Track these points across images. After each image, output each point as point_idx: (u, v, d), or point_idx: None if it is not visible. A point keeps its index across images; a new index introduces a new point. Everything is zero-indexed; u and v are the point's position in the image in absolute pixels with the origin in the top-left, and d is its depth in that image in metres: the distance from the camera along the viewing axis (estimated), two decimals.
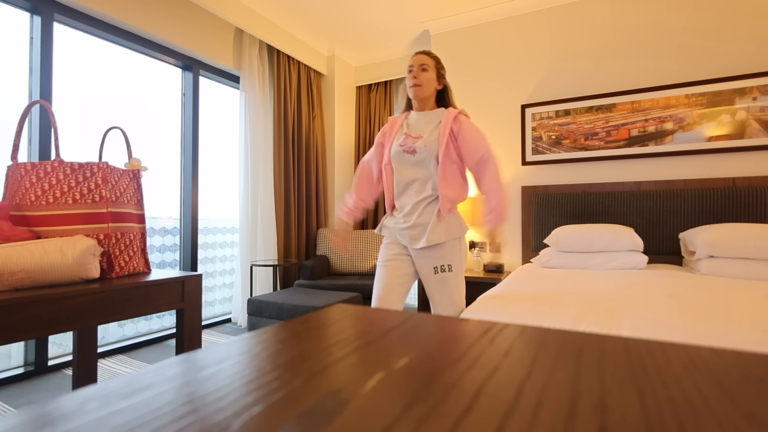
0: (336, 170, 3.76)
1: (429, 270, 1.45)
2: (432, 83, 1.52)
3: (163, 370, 0.27)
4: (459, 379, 0.26)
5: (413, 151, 1.47)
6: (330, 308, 0.48)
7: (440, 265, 1.44)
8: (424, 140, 1.46)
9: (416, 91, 1.51)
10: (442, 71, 1.56)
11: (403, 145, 1.51)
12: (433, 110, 1.55)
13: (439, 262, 1.44)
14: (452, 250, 1.44)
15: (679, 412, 0.21)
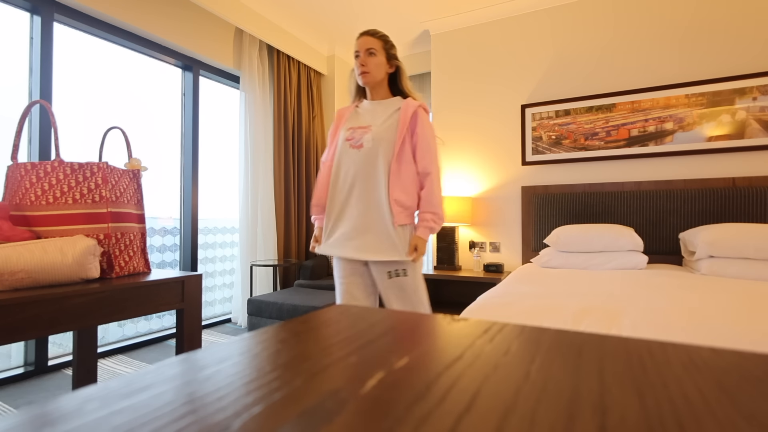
0: None
1: (383, 275, 1.31)
2: (382, 68, 1.34)
3: (163, 370, 0.27)
4: (458, 378, 0.26)
5: (360, 146, 1.27)
6: (330, 308, 0.48)
7: (394, 269, 1.29)
8: (374, 132, 1.26)
9: (366, 79, 1.34)
10: (393, 51, 1.37)
11: (349, 139, 1.31)
12: (387, 99, 1.37)
13: (393, 266, 1.29)
14: (399, 256, 1.31)
15: (679, 412, 0.21)
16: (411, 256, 1.30)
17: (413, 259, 1.31)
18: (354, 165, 1.30)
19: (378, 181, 1.27)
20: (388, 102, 1.36)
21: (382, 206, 1.26)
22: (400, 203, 1.25)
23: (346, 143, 1.31)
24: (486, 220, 3.00)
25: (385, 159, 1.26)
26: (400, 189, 1.26)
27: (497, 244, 2.96)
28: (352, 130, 1.33)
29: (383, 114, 1.32)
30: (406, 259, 1.26)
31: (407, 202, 1.28)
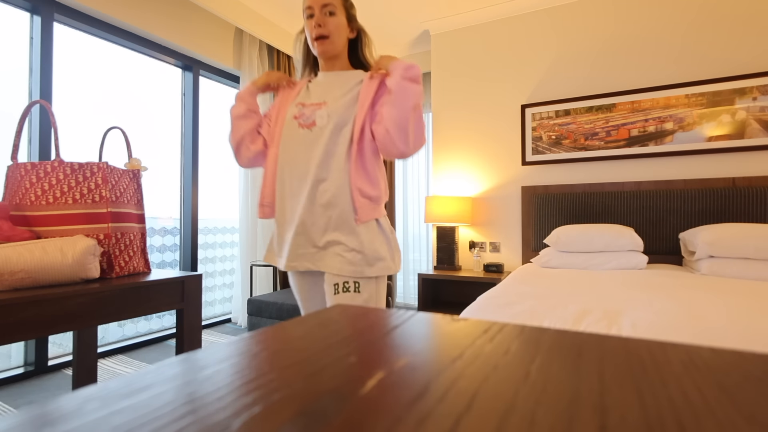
0: None
1: (328, 287, 1.00)
2: (343, 31, 1.05)
3: (163, 370, 0.27)
4: (458, 378, 0.26)
5: (311, 124, 1.00)
6: (330, 308, 0.48)
7: (343, 282, 0.98)
8: (329, 108, 1.00)
9: (323, 46, 1.04)
10: (353, 11, 1.08)
11: (298, 117, 1.03)
12: (346, 71, 1.09)
13: (341, 278, 0.98)
14: (367, 264, 1.00)
15: (679, 412, 0.21)
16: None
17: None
18: (304, 149, 1.01)
19: (335, 167, 0.99)
20: (348, 74, 1.08)
21: (342, 198, 0.99)
22: (365, 193, 0.99)
23: (293, 122, 1.02)
24: (486, 220, 3.00)
25: (343, 139, 0.99)
26: (364, 176, 1.00)
27: (497, 244, 2.96)
28: (302, 106, 1.04)
29: (342, 87, 1.04)
30: (367, 274, 0.97)
31: (372, 191, 1.01)
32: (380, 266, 1.00)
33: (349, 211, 0.99)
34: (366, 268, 0.98)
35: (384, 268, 1.01)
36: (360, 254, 0.98)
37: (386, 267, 1.02)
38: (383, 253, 1.01)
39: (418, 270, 3.78)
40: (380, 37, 3.51)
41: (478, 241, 3.03)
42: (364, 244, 0.99)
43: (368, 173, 1.02)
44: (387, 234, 1.05)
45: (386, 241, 1.04)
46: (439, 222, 2.85)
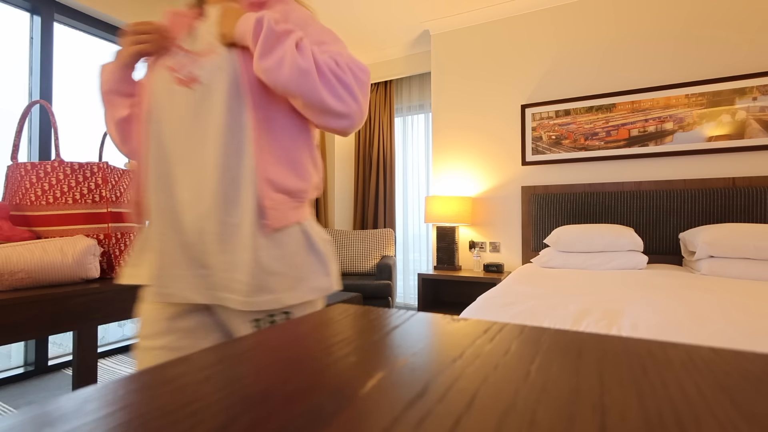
0: (336, 170, 3.76)
1: (241, 326, 0.68)
2: None
3: (163, 371, 0.27)
4: (458, 378, 0.26)
5: (192, 80, 0.67)
6: (330, 308, 0.48)
7: (267, 316, 0.68)
8: (221, 58, 0.67)
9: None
10: None
11: (175, 69, 0.69)
12: (250, 3, 0.75)
13: (260, 313, 0.68)
14: (288, 287, 0.69)
15: (679, 412, 0.21)
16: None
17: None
18: (184, 116, 0.67)
19: (231, 146, 0.66)
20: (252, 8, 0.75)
21: (242, 193, 0.67)
22: (281, 185, 0.68)
23: (167, 75, 0.69)
24: (486, 220, 3.00)
25: (239, 101, 0.66)
26: (279, 159, 0.69)
27: (497, 244, 2.96)
28: (183, 52, 0.70)
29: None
30: (290, 300, 0.68)
31: (293, 182, 0.70)
32: (307, 288, 0.70)
33: (254, 213, 0.66)
34: (286, 293, 0.67)
35: (313, 289, 0.71)
36: (274, 275, 0.66)
37: (317, 288, 0.72)
38: (309, 269, 0.71)
39: (418, 270, 3.78)
40: (380, 37, 3.52)
41: (478, 241, 3.03)
42: (280, 259, 0.67)
43: (286, 155, 0.69)
44: (315, 243, 0.73)
45: (313, 252, 0.72)
46: (439, 222, 2.85)
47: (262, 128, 0.67)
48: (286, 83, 0.63)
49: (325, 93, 0.65)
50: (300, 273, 0.70)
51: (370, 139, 3.89)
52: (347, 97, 0.67)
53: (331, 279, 0.76)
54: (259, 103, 0.67)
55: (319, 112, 0.67)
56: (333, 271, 0.77)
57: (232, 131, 0.67)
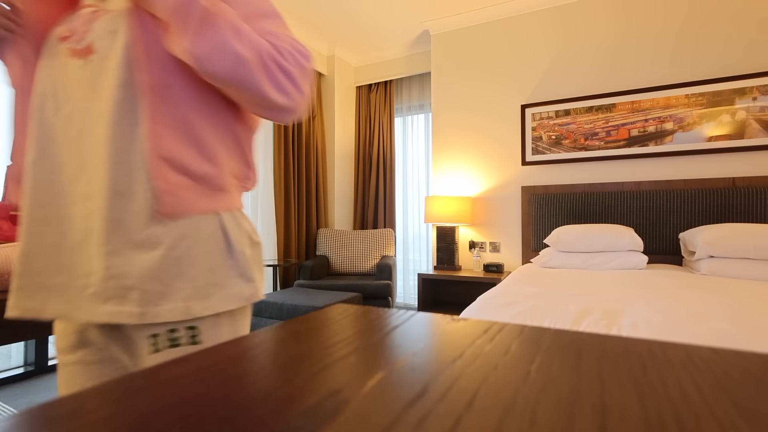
0: (336, 170, 3.76)
1: (142, 342, 0.55)
2: None
3: (163, 371, 0.27)
4: (458, 378, 0.26)
5: (86, 51, 0.55)
6: (330, 308, 0.48)
7: (168, 331, 0.55)
8: (113, 20, 0.54)
9: None
10: None
11: (66, 38, 0.57)
12: None
13: (165, 326, 0.55)
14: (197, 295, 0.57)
15: (679, 412, 0.21)
16: None
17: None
18: (78, 97, 0.55)
19: (125, 124, 0.54)
20: None
21: (135, 178, 0.54)
22: (176, 164, 0.56)
23: (58, 46, 0.57)
24: (486, 220, 3.00)
25: (137, 71, 0.54)
26: (173, 132, 0.56)
27: (497, 244, 2.96)
28: (77, 18, 0.58)
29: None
30: (199, 312, 0.56)
31: (194, 162, 0.57)
32: (222, 296, 0.57)
33: (148, 200, 0.54)
34: (193, 302, 0.55)
35: (230, 298, 0.58)
36: (177, 280, 0.54)
37: (235, 296, 0.59)
38: (225, 273, 0.58)
39: (418, 270, 3.78)
40: (380, 37, 3.52)
41: (478, 241, 3.03)
42: (185, 259, 0.55)
43: (189, 130, 0.56)
44: (234, 242, 0.60)
45: (232, 253, 0.60)
46: (439, 222, 2.85)
47: (158, 97, 0.54)
48: (223, 75, 0.54)
49: (268, 86, 0.57)
50: (213, 278, 0.57)
51: (370, 139, 3.89)
52: (291, 89, 0.60)
53: (255, 286, 0.63)
54: (158, 70, 0.54)
55: (259, 105, 0.59)
56: (257, 276, 0.64)
57: (126, 107, 0.54)
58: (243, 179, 0.66)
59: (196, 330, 0.57)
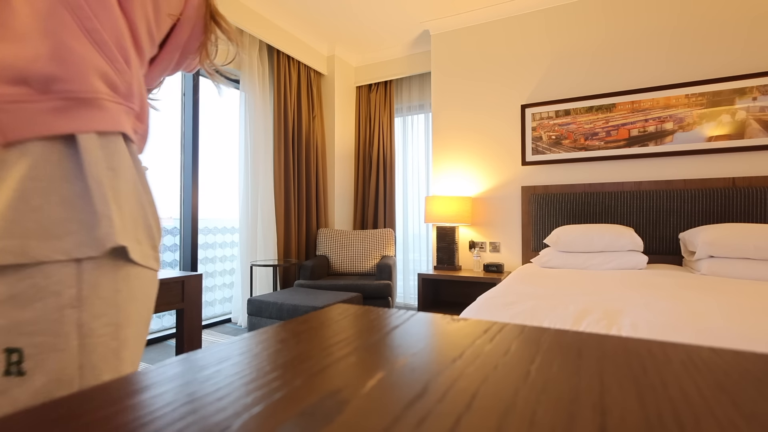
0: (336, 170, 3.76)
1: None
2: None
3: (163, 370, 0.27)
4: (458, 378, 0.26)
5: None
6: (330, 308, 0.48)
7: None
8: None
9: None
10: None
11: None
12: None
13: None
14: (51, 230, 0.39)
15: (679, 412, 0.21)
16: None
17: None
18: None
19: None
20: None
21: None
22: (9, 69, 0.38)
23: None
24: (486, 220, 3.00)
25: None
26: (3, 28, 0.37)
27: (497, 244, 2.96)
28: None
29: None
30: (16, 258, 0.37)
31: (36, 64, 0.39)
32: (74, 241, 0.41)
33: None
34: (36, 241, 0.39)
35: (86, 241, 0.42)
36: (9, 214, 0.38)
37: (76, 243, 0.41)
38: (62, 212, 0.41)
39: (418, 270, 3.78)
40: (380, 37, 3.52)
41: (478, 241, 3.03)
42: (27, 191, 0.39)
43: (21, 22, 0.39)
44: (99, 175, 0.43)
45: (79, 184, 0.43)
46: (439, 222, 2.85)
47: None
48: None
49: None
50: (38, 219, 0.40)
51: (370, 139, 3.89)
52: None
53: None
54: None
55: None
56: (112, 215, 0.43)
57: None
58: (115, 86, 0.45)
59: (12, 277, 0.38)
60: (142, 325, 0.50)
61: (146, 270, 0.49)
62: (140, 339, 0.49)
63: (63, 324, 0.40)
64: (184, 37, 0.60)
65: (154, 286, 0.53)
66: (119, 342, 0.45)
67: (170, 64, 0.63)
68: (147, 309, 0.51)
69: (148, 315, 0.51)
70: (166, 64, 0.62)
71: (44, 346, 0.39)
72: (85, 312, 0.42)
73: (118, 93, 0.47)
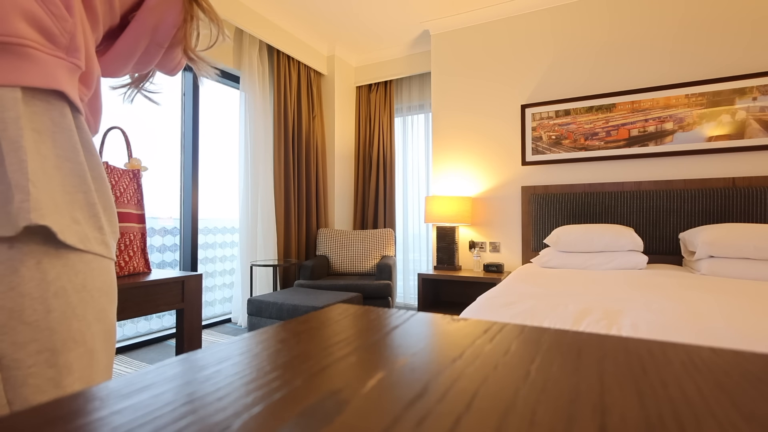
0: (336, 170, 3.76)
1: None
2: None
3: (163, 370, 0.27)
4: (458, 378, 0.26)
5: None
6: (330, 308, 0.48)
7: None
8: None
9: None
10: None
11: None
12: None
13: None
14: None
15: (679, 412, 0.21)
16: None
17: None
18: None
19: None
20: None
21: None
22: None
23: None
24: (486, 220, 3.00)
25: None
26: None
27: (497, 244, 2.96)
28: None
29: None
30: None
31: None
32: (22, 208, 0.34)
33: None
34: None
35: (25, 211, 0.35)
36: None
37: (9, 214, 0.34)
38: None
39: (418, 270, 3.78)
40: (381, 36, 3.52)
41: (478, 241, 3.03)
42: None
43: None
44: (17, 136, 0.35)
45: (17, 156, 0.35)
46: (439, 222, 2.85)
47: None
48: None
49: None
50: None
51: (370, 139, 3.89)
52: None
53: (15, 204, 0.35)
54: None
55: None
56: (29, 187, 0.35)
57: None
58: (50, 34, 0.38)
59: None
60: (100, 323, 0.42)
61: (93, 256, 0.40)
62: (101, 342, 0.41)
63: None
64: (153, 20, 0.52)
65: (109, 275, 0.44)
66: (57, 369, 0.37)
67: (136, 50, 0.53)
68: (105, 303, 0.42)
69: (107, 308, 0.43)
70: (131, 48, 0.52)
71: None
72: (4, 342, 0.33)
73: (54, 43, 0.39)
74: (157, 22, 0.53)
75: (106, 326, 0.43)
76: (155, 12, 0.52)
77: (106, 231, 0.42)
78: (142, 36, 0.52)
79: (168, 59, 0.59)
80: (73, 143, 0.40)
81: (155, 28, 0.53)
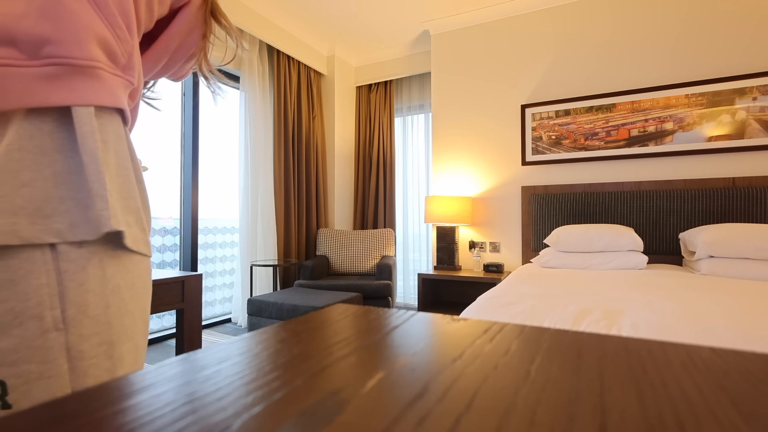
0: (336, 170, 3.76)
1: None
2: None
3: (163, 370, 0.27)
4: (458, 378, 0.26)
5: None
6: (330, 308, 0.48)
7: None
8: None
9: None
10: None
11: None
12: None
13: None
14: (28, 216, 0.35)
15: (679, 412, 0.21)
16: None
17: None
18: None
19: None
20: None
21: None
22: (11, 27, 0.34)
23: None
24: (486, 220, 3.00)
25: None
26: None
27: (497, 244, 2.96)
28: None
29: None
30: (28, 235, 0.35)
31: (21, 23, 0.34)
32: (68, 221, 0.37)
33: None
34: (26, 220, 0.35)
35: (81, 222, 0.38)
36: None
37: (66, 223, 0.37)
38: (51, 191, 0.37)
39: (418, 270, 3.78)
40: (381, 36, 3.52)
41: (478, 241, 3.03)
42: (13, 163, 0.35)
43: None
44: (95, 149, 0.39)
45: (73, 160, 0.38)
46: (439, 222, 2.85)
47: None
48: None
49: None
50: (28, 195, 0.35)
51: (370, 139, 3.89)
52: None
53: (96, 212, 0.38)
54: None
55: None
56: (107, 195, 0.39)
57: None
58: (114, 56, 0.41)
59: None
60: (142, 320, 0.45)
61: (139, 257, 0.44)
62: (142, 338, 0.46)
63: (48, 350, 0.36)
64: (177, 41, 0.54)
65: (149, 275, 0.48)
66: (113, 361, 0.41)
67: (155, 67, 0.55)
68: (146, 301, 0.47)
69: (147, 307, 0.48)
70: (151, 66, 0.54)
71: (30, 375, 0.35)
72: (73, 334, 0.37)
73: (115, 63, 0.41)
74: (181, 43, 0.56)
75: (146, 323, 0.48)
76: (181, 35, 0.55)
77: (147, 231, 0.47)
78: (163, 55, 0.54)
79: (181, 71, 0.61)
80: (128, 153, 0.44)
81: (177, 48, 0.56)
